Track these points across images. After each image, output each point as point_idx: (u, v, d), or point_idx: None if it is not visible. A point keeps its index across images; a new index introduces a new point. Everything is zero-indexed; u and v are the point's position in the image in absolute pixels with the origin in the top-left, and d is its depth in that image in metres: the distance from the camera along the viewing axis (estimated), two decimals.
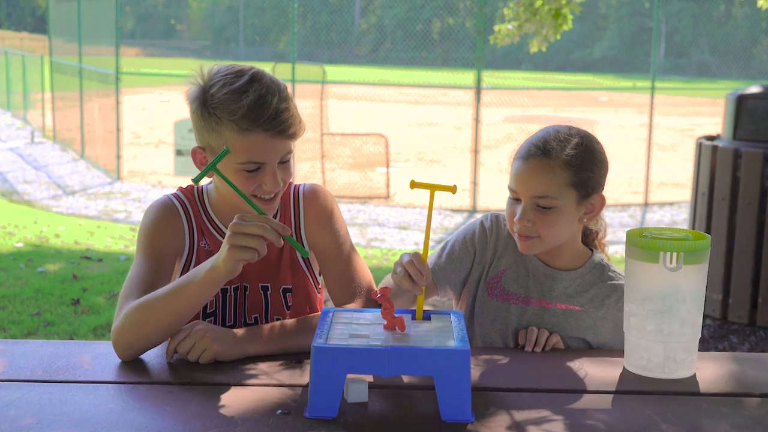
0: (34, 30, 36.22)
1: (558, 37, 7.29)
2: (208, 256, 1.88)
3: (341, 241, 1.96)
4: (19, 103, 18.68)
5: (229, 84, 1.75)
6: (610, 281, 1.96)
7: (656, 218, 9.31)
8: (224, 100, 1.74)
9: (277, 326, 1.80)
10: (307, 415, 1.48)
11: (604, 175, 1.93)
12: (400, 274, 1.69)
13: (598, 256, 2.00)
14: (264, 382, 1.63)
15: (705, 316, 4.99)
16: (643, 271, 1.68)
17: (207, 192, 1.95)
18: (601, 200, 1.93)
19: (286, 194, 1.97)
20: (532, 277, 1.98)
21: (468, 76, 10.49)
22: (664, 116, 15.27)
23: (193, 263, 1.90)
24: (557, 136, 1.88)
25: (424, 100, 17.00)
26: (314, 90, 10.95)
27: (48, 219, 8.32)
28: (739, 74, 18.43)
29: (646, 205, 9.93)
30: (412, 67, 17.87)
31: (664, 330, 1.68)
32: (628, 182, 10.79)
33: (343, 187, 10.11)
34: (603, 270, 1.98)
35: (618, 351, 1.85)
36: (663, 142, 14.32)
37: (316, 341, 1.49)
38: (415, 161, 12.87)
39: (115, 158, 10.98)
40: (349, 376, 1.54)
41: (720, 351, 4.68)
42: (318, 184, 2.01)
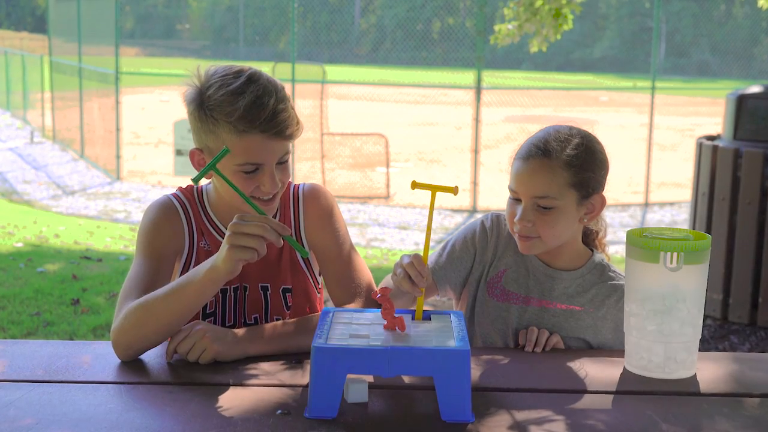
0: (34, 30, 36.21)
1: (558, 36, 7.29)
2: (208, 256, 1.87)
3: (341, 241, 1.96)
4: (19, 102, 18.68)
5: (226, 85, 1.75)
6: (611, 281, 1.96)
7: (656, 218, 9.30)
8: (221, 102, 1.74)
9: (277, 326, 1.80)
10: (307, 415, 1.48)
11: (604, 176, 1.93)
12: (400, 276, 1.69)
13: (598, 256, 2.00)
14: (264, 382, 1.62)
15: (705, 316, 4.99)
16: (643, 271, 1.68)
17: (206, 192, 1.95)
18: (602, 200, 1.93)
19: (285, 194, 1.97)
20: (532, 277, 1.97)
21: (468, 76, 10.49)
22: (665, 116, 15.27)
23: (193, 263, 1.89)
24: (558, 137, 1.88)
25: (424, 100, 17.00)
26: (314, 90, 10.95)
27: (48, 219, 8.32)
28: (740, 74, 18.43)
29: (647, 205, 9.92)
30: (412, 67, 17.87)
31: (665, 330, 1.68)
32: (629, 182, 10.79)
33: (343, 187, 10.11)
34: (603, 270, 1.98)
35: (618, 351, 1.85)
36: (663, 142, 14.33)
37: (316, 341, 1.49)
38: (415, 161, 12.86)
39: (115, 158, 10.98)
40: (349, 377, 1.54)
41: (720, 351, 4.68)
42: (318, 184, 2.00)
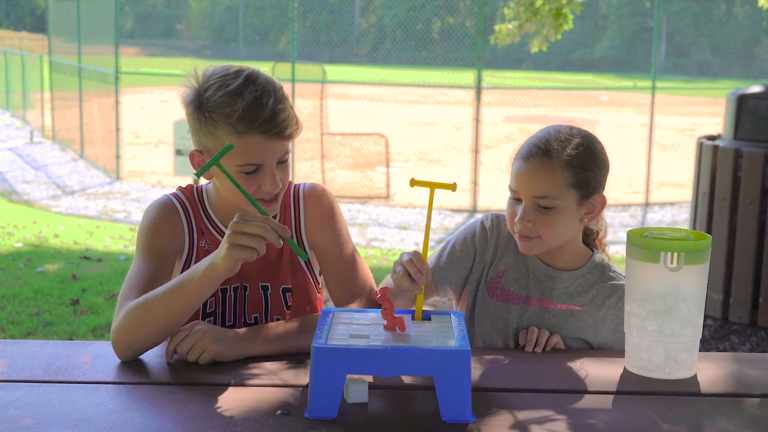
0: (34, 29, 36.21)
1: (558, 36, 7.29)
2: (207, 255, 1.87)
3: (342, 240, 1.96)
4: (19, 102, 18.69)
5: (225, 86, 1.74)
6: (611, 281, 1.96)
7: (657, 218, 9.30)
8: (220, 103, 1.74)
9: (277, 326, 1.79)
10: (307, 415, 1.47)
11: (605, 176, 1.92)
12: (400, 273, 1.69)
13: (598, 256, 2.00)
14: (264, 383, 1.62)
15: (706, 317, 4.99)
16: (643, 271, 1.68)
17: (206, 192, 1.95)
18: (602, 200, 1.92)
19: (285, 194, 1.96)
20: (532, 277, 1.97)
21: (468, 76, 10.49)
22: (665, 116, 15.28)
23: (193, 263, 1.89)
24: (558, 136, 1.88)
25: (425, 100, 17.01)
26: (314, 90, 10.95)
27: (47, 219, 8.31)
28: (740, 74, 18.42)
29: (647, 205, 9.92)
30: (412, 67, 17.87)
31: (665, 330, 1.68)
32: (629, 182, 10.79)
33: (343, 187, 10.11)
34: (604, 270, 1.97)
35: (619, 351, 1.85)
36: (664, 141, 14.32)
37: (316, 341, 1.49)
38: (415, 161, 12.86)
39: (115, 158, 10.98)
40: (349, 377, 1.54)
41: (721, 351, 4.68)
42: (318, 184, 2.00)
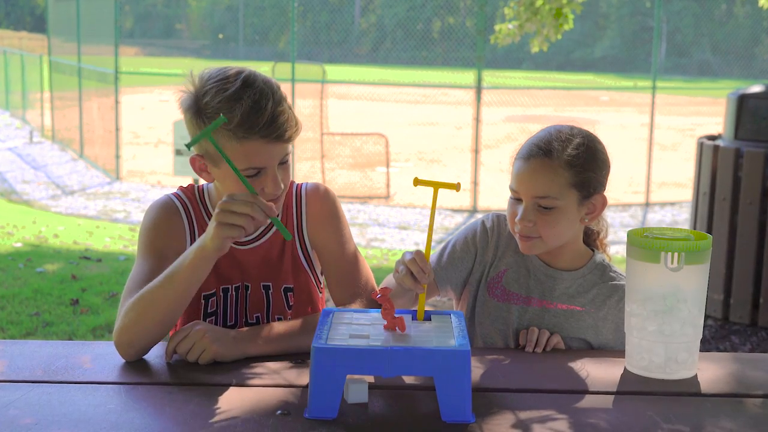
0: (33, 29, 36.20)
1: (559, 36, 7.28)
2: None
3: (344, 240, 1.96)
4: (18, 102, 18.69)
5: (223, 91, 1.73)
6: (612, 281, 1.96)
7: (657, 218, 9.30)
8: (218, 109, 1.73)
9: (277, 326, 1.79)
10: (307, 415, 1.47)
11: (605, 176, 1.92)
12: (402, 273, 1.69)
13: (599, 256, 2.00)
14: (264, 383, 1.62)
15: (706, 317, 4.98)
16: (644, 271, 1.68)
17: (207, 192, 1.95)
18: (603, 200, 1.92)
19: (288, 193, 1.97)
20: (533, 277, 1.97)
21: (468, 76, 10.48)
22: (666, 116, 15.27)
23: None
24: (559, 136, 1.88)
25: (425, 100, 17.01)
26: (314, 89, 10.94)
27: (47, 219, 8.31)
28: (741, 74, 18.41)
29: (647, 205, 9.92)
30: (412, 67, 17.87)
31: (666, 330, 1.68)
32: (629, 182, 10.79)
33: (343, 187, 10.11)
34: (604, 270, 1.97)
35: (619, 351, 1.84)
36: (664, 141, 14.32)
37: (317, 341, 1.49)
38: (415, 161, 12.86)
39: (114, 158, 10.98)
40: (349, 377, 1.54)
41: (721, 351, 4.68)
42: (320, 184, 2.00)
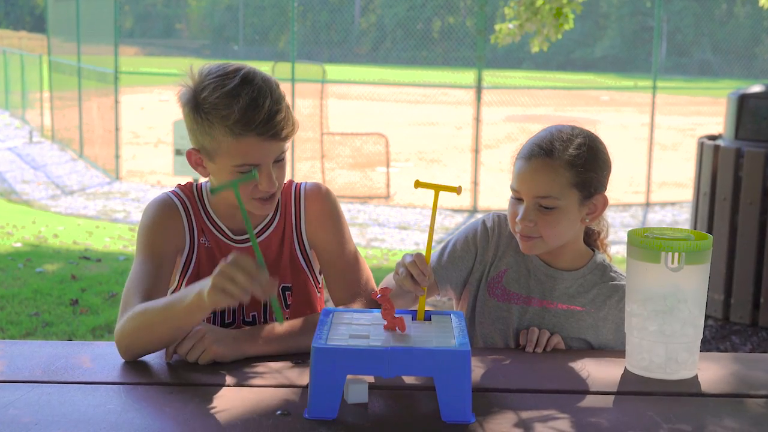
0: (33, 29, 36.17)
1: (559, 36, 7.27)
2: (208, 253, 1.88)
3: (343, 240, 1.95)
4: (18, 102, 18.68)
5: (221, 87, 1.74)
6: (612, 282, 1.96)
7: (658, 218, 9.30)
8: (216, 105, 1.73)
9: (277, 327, 1.79)
10: (306, 415, 1.47)
11: (607, 176, 1.92)
12: (402, 275, 1.68)
13: (599, 256, 2.00)
14: (264, 383, 1.62)
15: (707, 317, 4.97)
16: (644, 271, 1.68)
17: (206, 189, 1.95)
18: (604, 201, 1.92)
19: (287, 192, 1.96)
20: (533, 277, 1.97)
21: (469, 76, 10.48)
22: (666, 116, 15.26)
23: (194, 260, 1.90)
24: (560, 136, 1.88)
25: (425, 100, 16.99)
26: (314, 89, 10.94)
27: (46, 219, 8.31)
28: (741, 73, 18.39)
29: (648, 205, 9.92)
30: (412, 67, 17.85)
31: (666, 330, 1.68)
32: (630, 182, 10.78)
33: (343, 187, 10.10)
34: (604, 270, 1.97)
35: (619, 352, 1.84)
36: (664, 141, 14.31)
37: (316, 342, 1.49)
38: (415, 161, 12.85)
39: (114, 158, 10.97)
40: (349, 377, 1.54)
41: (722, 351, 4.67)
42: (320, 183, 2.00)
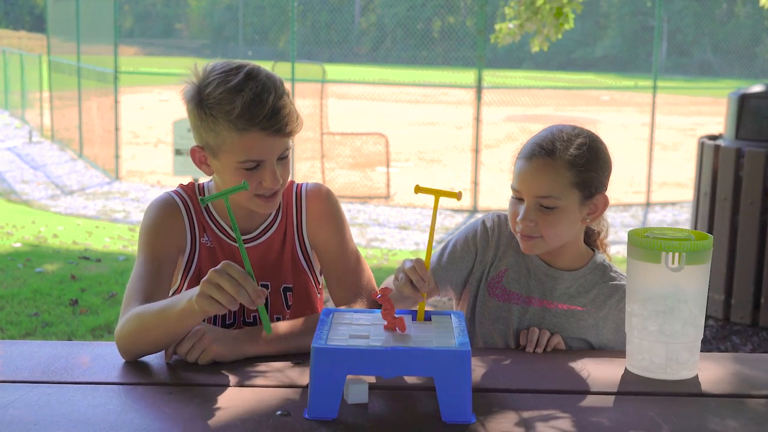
0: (32, 29, 36.16)
1: (559, 36, 7.27)
2: (210, 252, 1.88)
3: (344, 241, 1.95)
4: (17, 102, 18.68)
5: (225, 83, 1.74)
6: (612, 282, 1.95)
7: (658, 218, 9.29)
8: (220, 100, 1.73)
9: (277, 327, 1.79)
10: (306, 416, 1.47)
11: (607, 176, 1.92)
12: (402, 281, 1.68)
13: (600, 256, 1.99)
14: (264, 383, 1.62)
15: (707, 317, 4.97)
16: (645, 271, 1.67)
17: (207, 189, 1.96)
18: (605, 201, 1.92)
19: (288, 192, 1.97)
20: (533, 277, 1.97)
21: (469, 75, 10.47)
22: (666, 115, 15.25)
23: (196, 259, 1.90)
24: (561, 136, 1.87)
25: (425, 100, 16.98)
26: (314, 89, 10.93)
27: (46, 219, 8.30)
28: (742, 73, 18.38)
29: (648, 205, 9.91)
30: (412, 66, 17.85)
31: (666, 331, 1.67)
32: (630, 182, 10.77)
33: (343, 186, 10.10)
34: (605, 270, 1.97)
35: (620, 352, 1.84)
36: (665, 141, 14.31)
37: (316, 342, 1.48)
38: (415, 161, 12.85)
39: (114, 158, 10.97)
40: (349, 377, 1.53)
41: (722, 352, 4.67)
42: (321, 184, 2.00)
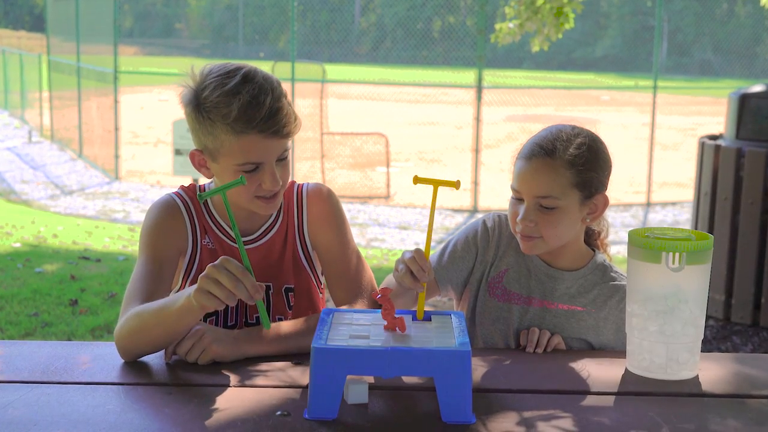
0: (32, 28, 36.15)
1: (559, 35, 7.27)
2: (211, 253, 1.88)
3: (345, 241, 1.95)
4: (17, 102, 18.68)
5: (222, 86, 1.74)
6: (612, 282, 1.95)
7: (658, 218, 9.29)
8: (217, 103, 1.73)
9: (277, 327, 1.79)
10: (306, 416, 1.47)
11: (607, 176, 1.92)
12: (402, 271, 1.68)
13: (600, 256, 1.99)
14: (264, 383, 1.62)
15: (707, 317, 4.95)
16: (645, 271, 1.67)
17: (208, 190, 1.95)
18: (605, 201, 1.92)
19: (289, 193, 1.97)
20: (533, 278, 1.96)
21: (469, 75, 10.47)
22: (667, 115, 15.25)
23: (197, 261, 1.90)
24: (561, 136, 1.87)
25: (425, 99, 16.98)
26: (314, 89, 10.93)
27: (46, 219, 8.30)
28: (742, 73, 18.37)
29: (649, 205, 9.91)
30: (412, 66, 17.86)
31: (667, 331, 1.67)
32: (630, 182, 10.77)
33: (343, 186, 10.10)
34: (605, 270, 1.97)
35: (620, 352, 1.84)
36: (665, 141, 14.30)
37: (316, 342, 1.48)
38: (415, 161, 12.85)
39: (114, 158, 10.97)
40: (349, 377, 1.53)
41: (723, 352, 4.67)
42: (322, 184, 2.00)
